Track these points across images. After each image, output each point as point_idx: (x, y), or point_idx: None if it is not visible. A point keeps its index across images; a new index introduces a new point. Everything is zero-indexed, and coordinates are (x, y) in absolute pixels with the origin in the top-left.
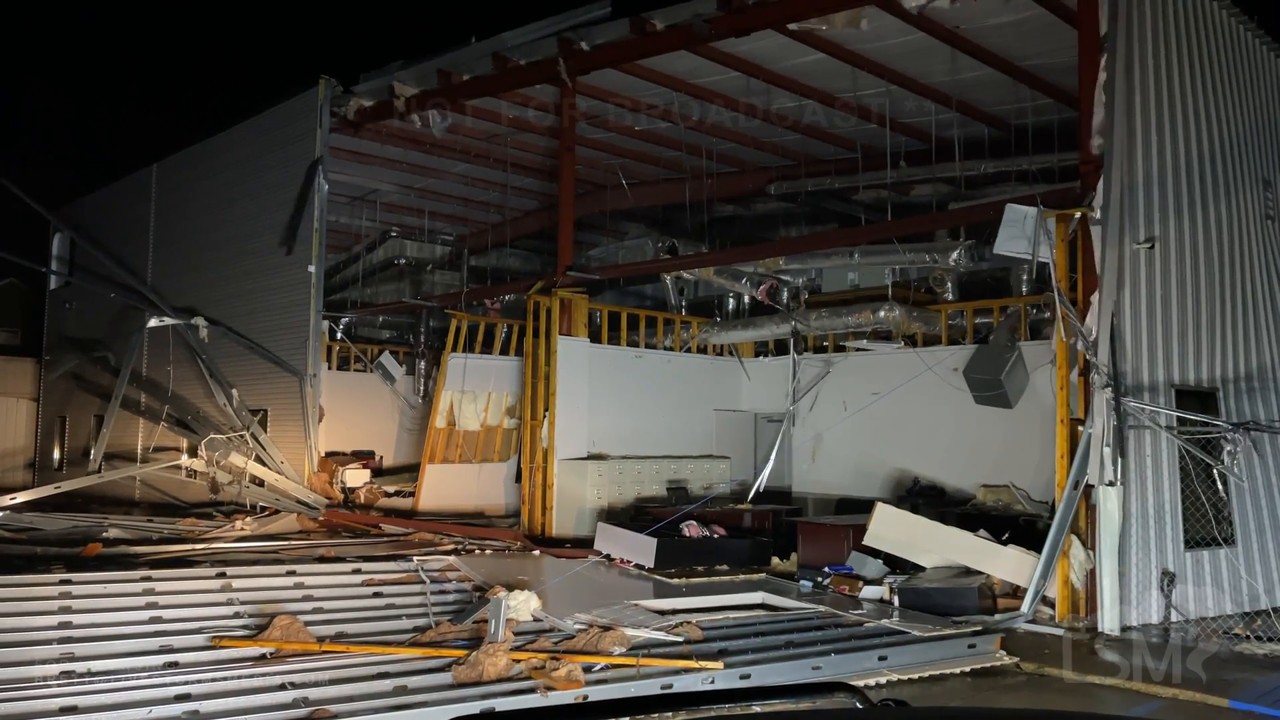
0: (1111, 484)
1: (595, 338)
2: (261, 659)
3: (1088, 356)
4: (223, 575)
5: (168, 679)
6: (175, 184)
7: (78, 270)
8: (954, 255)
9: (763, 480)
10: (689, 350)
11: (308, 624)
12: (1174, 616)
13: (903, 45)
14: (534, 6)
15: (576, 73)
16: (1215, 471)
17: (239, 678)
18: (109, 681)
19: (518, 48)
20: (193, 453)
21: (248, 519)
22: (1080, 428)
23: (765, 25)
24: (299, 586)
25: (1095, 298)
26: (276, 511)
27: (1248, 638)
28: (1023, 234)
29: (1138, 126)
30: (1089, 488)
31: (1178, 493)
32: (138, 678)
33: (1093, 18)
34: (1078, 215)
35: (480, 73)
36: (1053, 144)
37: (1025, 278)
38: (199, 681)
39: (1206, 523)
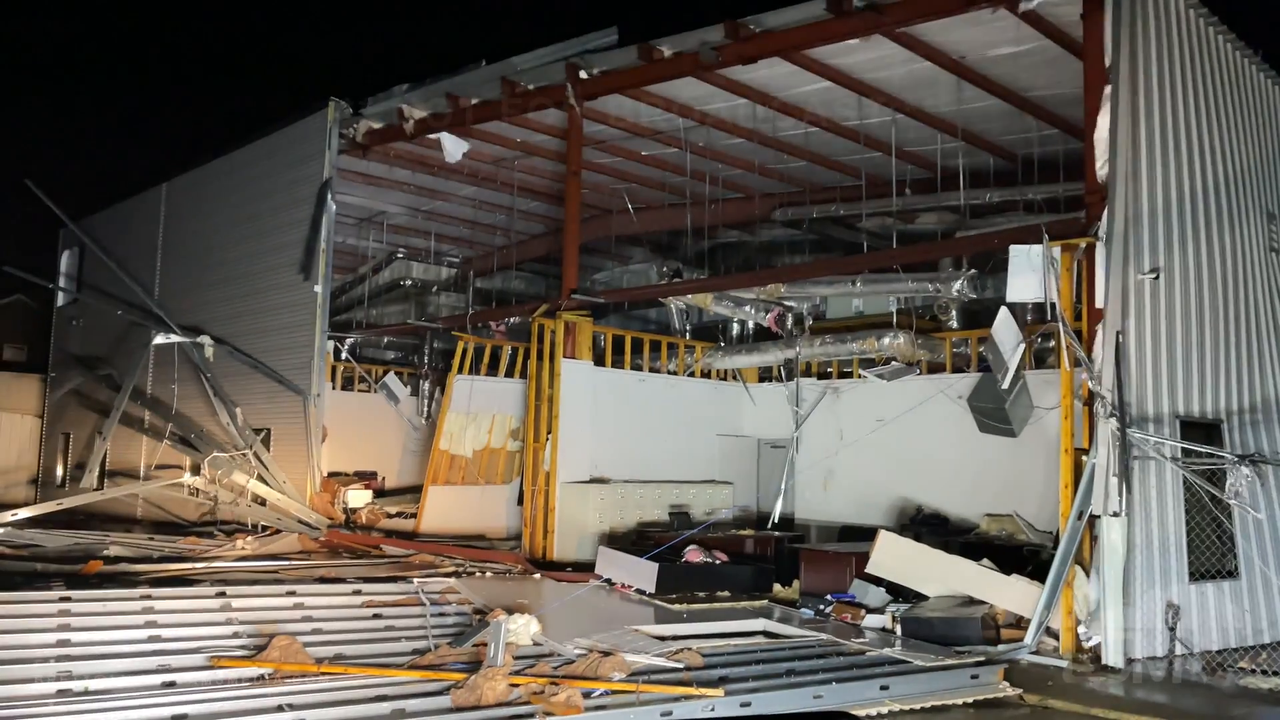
0: (1116, 515)
1: (599, 361)
2: (259, 680)
3: (1091, 386)
4: (222, 595)
5: (165, 699)
6: (183, 203)
7: (85, 287)
8: (957, 285)
9: (777, 508)
10: (692, 375)
11: (307, 645)
12: (1178, 649)
13: (908, 75)
14: (541, 34)
15: (584, 98)
16: (1220, 504)
17: (236, 698)
18: (106, 701)
19: (526, 72)
20: (195, 471)
21: (248, 538)
22: (1084, 458)
23: (772, 54)
24: (299, 607)
25: (1100, 327)
26: (278, 531)
27: (1253, 671)
28: (1031, 270)
29: (1142, 157)
30: (1093, 518)
31: (1182, 524)
32: (135, 697)
33: (1098, 49)
34: (1083, 245)
35: (488, 97)
36: (1058, 174)
37: (1030, 306)
38: (196, 701)
39: (1211, 555)
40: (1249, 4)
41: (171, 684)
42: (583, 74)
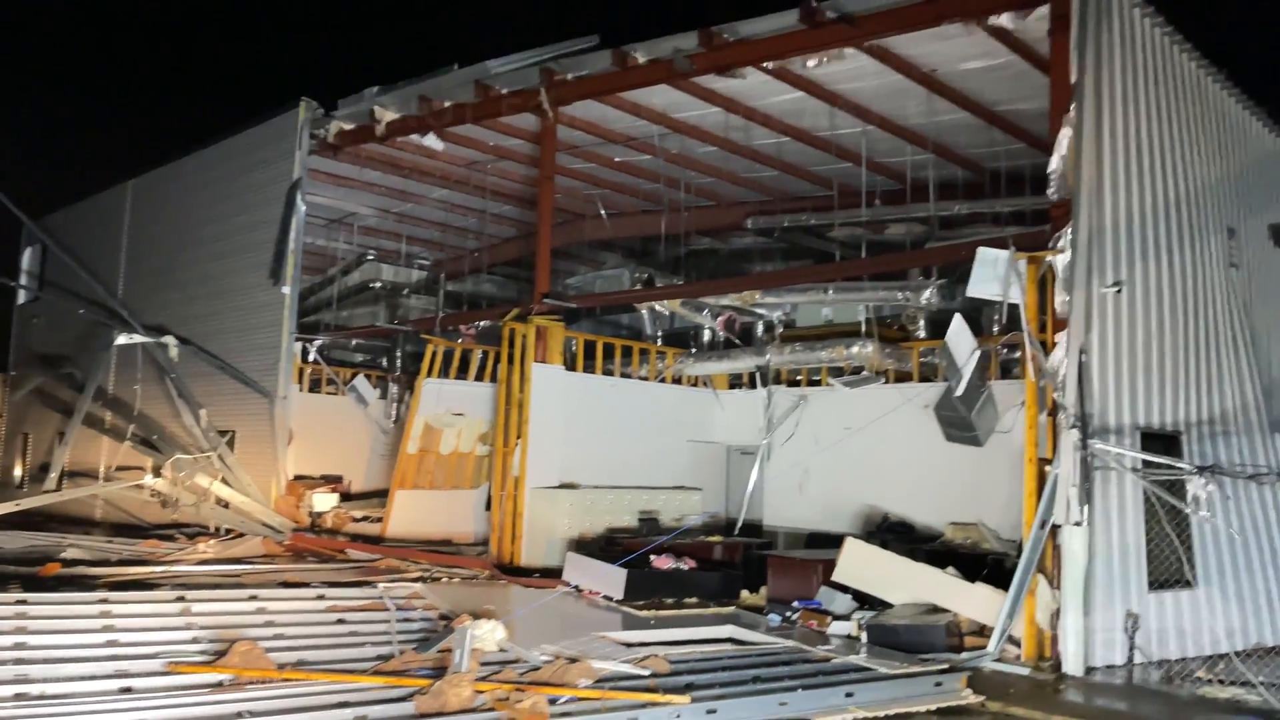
0: (1077, 524)
1: (570, 366)
2: (219, 686)
3: (1055, 397)
4: (182, 599)
5: (122, 704)
6: (150, 202)
7: (47, 285)
8: (926, 294)
9: (742, 515)
10: (664, 381)
11: (268, 650)
12: (1138, 658)
13: (880, 86)
14: (517, 43)
15: (558, 103)
16: (1179, 514)
17: (195, 704)
18: (62, 705)
19: (500, 76)
20: (157, 473)
21: (211, 541)
22: (1048, 468)
23: (745, 63)
24: (261, 612)
25: (1063, 339)
26: (241, 534)
27: (1210, 681)
28: (995, 276)
29: (1106, 172)
30: (1055, 528)
31: (1142, 534)
32: (91, 702)
33: (1064, 65)
34: (1048, 258)
35: (462, 100)
36: (1024, 188)
37: (996, 318)
38: (154, 708)
39: (1170, 565)
40: (1217, 25)
41: (129, 690)
42: (558, 77)
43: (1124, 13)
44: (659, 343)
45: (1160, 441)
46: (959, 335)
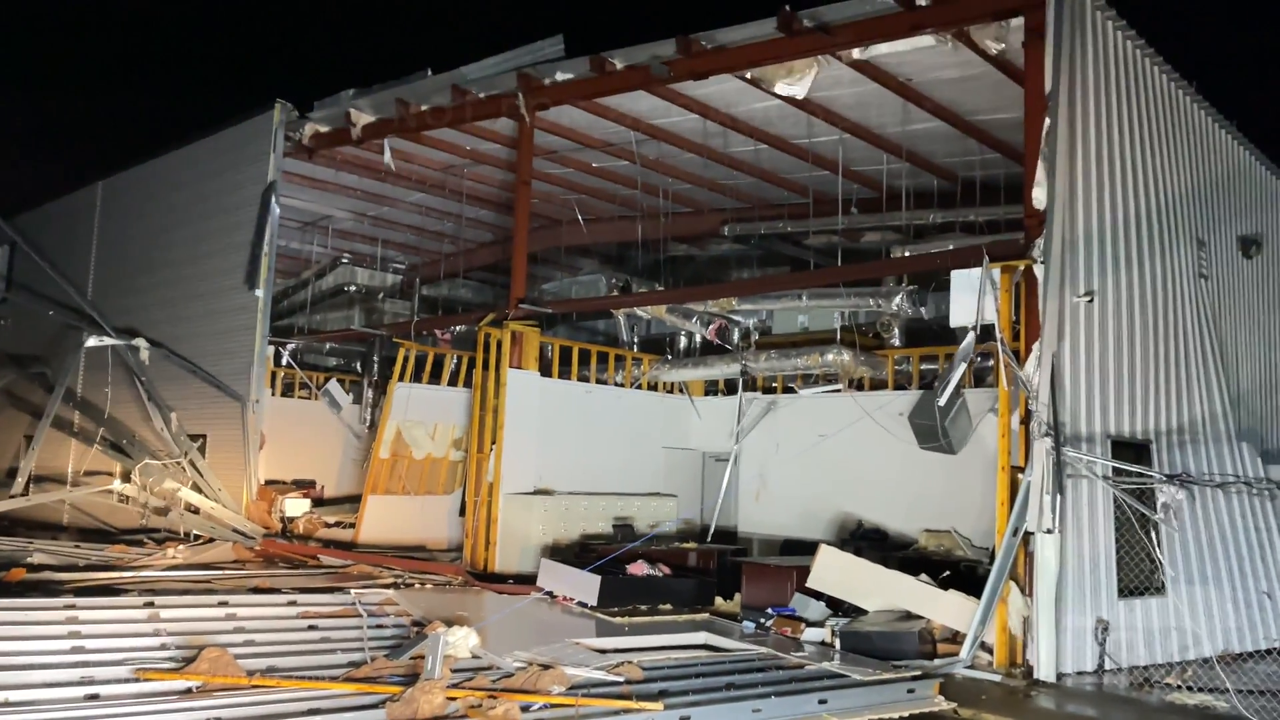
0: (1049, 532)
1: (546, 372)
2: (187, 693)
3: (1029, 405)
4: (150, 605)
5: (88, 712)
6: (121, 203)
7: (15, 287)
8: (896, 300)
9: (714, 522)
10: (639, 387)
11: (238, 657)
12: (1108, 664)
13: (856, 95)
14: (486, 41)
15: (535, 108)
16: (1148, 521)
17: (163, 712)
18: (27, 713)
19: (477, 80)
20: (126, 478)
21: (180, 547)
22: (1021, 475)
23: (722, 70)
24: (230, 618)
25: (1036, 347)
26: (211, 540)
27: (1178, 688)
28: (971, 289)
29: (1079, 183)
30: (1028, 535)
31: (1112, 541)
32: (57, 710)
33: (1038, 76)
34: (1021, 267)
35: (439, 103)
36: (999, 197)
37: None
38: (120, 715)
39: (1140, 572)
40: (1188, 38)
41: (95, 696)
42: (535, 82)
43: (1097, 26)
44: (635, 349)
45: (1130, 450)
46: (965, 351)
